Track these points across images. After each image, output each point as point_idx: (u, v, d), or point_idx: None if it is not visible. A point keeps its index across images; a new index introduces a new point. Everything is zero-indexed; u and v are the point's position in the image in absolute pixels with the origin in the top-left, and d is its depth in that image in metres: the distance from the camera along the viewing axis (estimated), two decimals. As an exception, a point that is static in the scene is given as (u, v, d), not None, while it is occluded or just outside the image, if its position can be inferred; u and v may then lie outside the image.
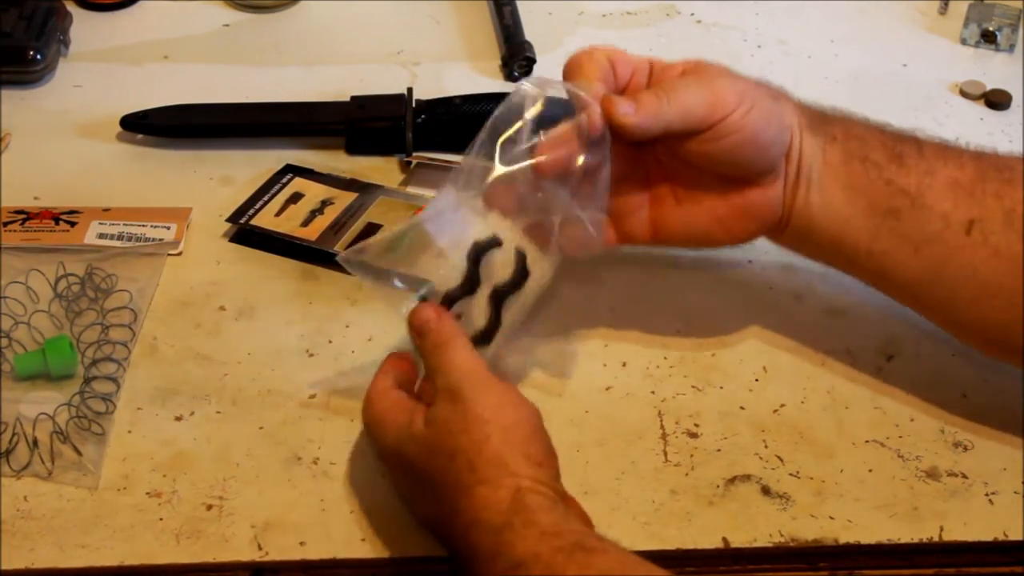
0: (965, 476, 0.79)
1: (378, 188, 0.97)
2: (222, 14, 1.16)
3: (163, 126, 1.02)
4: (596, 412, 0.82)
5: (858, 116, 0.81)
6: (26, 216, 0.93)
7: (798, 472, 0.79)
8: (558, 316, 0.87)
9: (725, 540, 0.75)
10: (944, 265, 0.77)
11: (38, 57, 1.06)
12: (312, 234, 0.93)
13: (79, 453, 0.78)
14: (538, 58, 1.10)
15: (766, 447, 0.80)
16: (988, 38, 1.16)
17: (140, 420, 0.80)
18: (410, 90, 1.02)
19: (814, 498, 0.77)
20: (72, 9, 1.14)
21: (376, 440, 0.75)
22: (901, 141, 0.79)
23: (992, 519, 0.77)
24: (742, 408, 0.83)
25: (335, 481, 0.77)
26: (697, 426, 0.81)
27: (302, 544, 0.74)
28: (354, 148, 1.02)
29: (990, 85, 1.11)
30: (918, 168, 0.78)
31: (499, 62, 1.11)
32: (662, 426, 0.81)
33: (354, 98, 1.03)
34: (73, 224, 0.93)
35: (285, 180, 0.98)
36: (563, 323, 0.87)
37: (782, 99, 0.79)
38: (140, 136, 1.02)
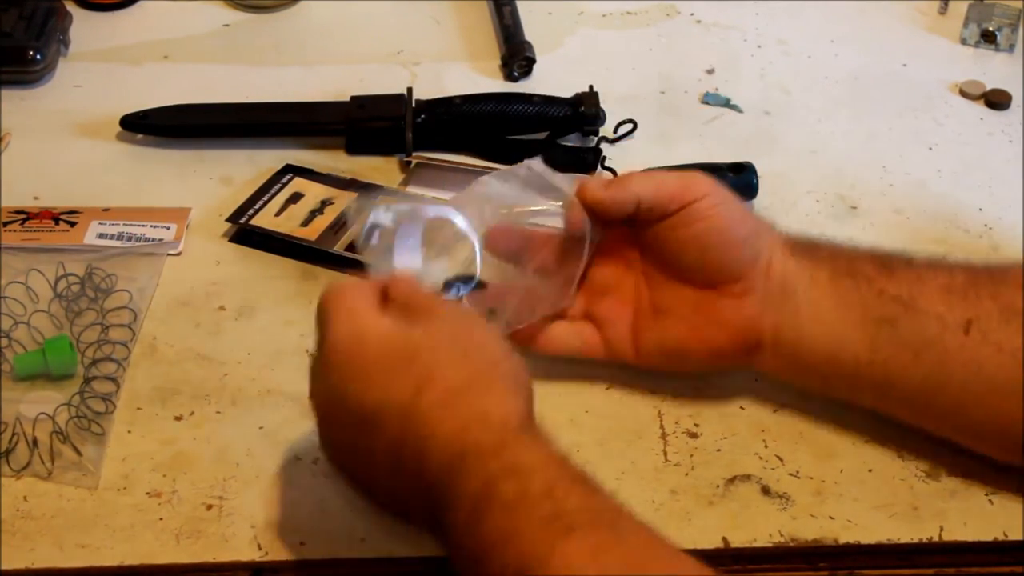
0: (965, 476, 0.79)
1: (378, 188, 0.97)
2: (222, 14, 1.17)
3: (163, 126, 1.02)
4: (596, 412, 0.82)
5: (845, 241, 0.81)
6: (26, 216, 0.93)
7: (798, 472, 0.79)
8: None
9: (725, 540, 0.75)
10: (947, 367, 0.75)
11: (38, 57, 1.06)
12: (312, 234, 0.93)
13: (79, 453, 0.78)
14: (538, 58, 1.10)
15: (766, 447, 0.80)
16: (988, 38, 1.16)
17: (140, 420, 0.80)
18: (410, 90, 1.02)
19: (814, 498, 0.77)
20: (72, 9, 1.14)
21: (329, 331, 0.70)
22: (889, 256, 0.79)
23: (992, 519, 0.77)
24: (742, 408, 0.82)
25: (335, 481, 0.77)
26: (697, 426, 0.81)
27: (302, 544, 0.74)
28: (354, 148, 1.02)
29: (990, 85, 1.11)
30: (908, 277, 0.77)
31: (499, 62, 1.12)
32: (662, 426, 0.81)
33: (354, 98, 1.03)
34: (73, 224, 0.93)
35: (285, 180, 0.98)
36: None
37: (764, 221, 0.80)
38: (140, 136, 1.02)
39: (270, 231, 0.93)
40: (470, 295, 0.81)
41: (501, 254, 0.83)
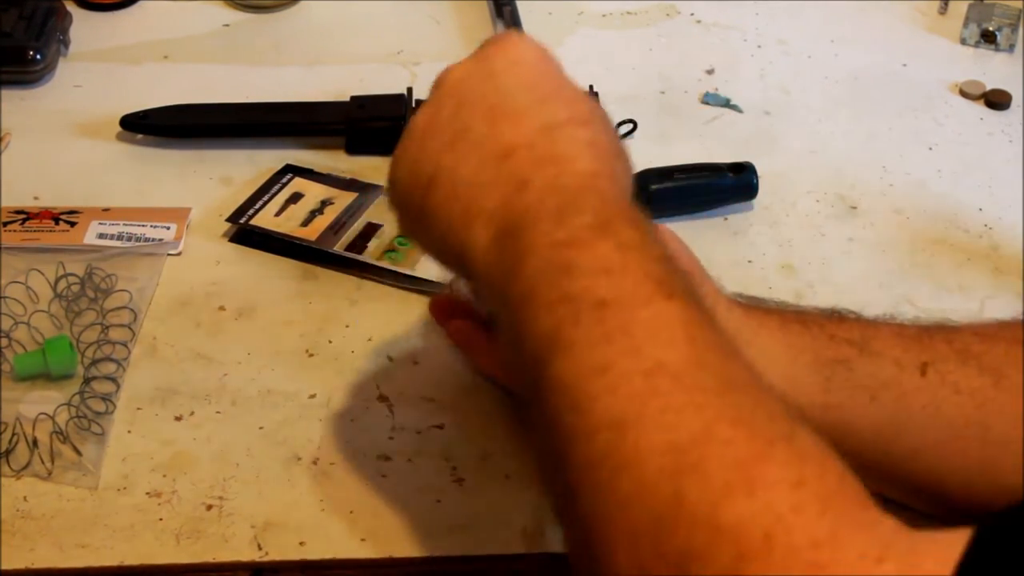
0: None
1: (378, 188, 0.97)
2: (222, 14, 1.16)
3: (163, 126, 1.02)
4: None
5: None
6: (26, 216, 0.93)
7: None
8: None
9: None
10: (905, 409, 0.72)
11: (38, 57, 1.06)
12: (312, 234, 0.93)
13: (79, 453, 0.78)
14: (538, 58, 1.10)
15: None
16: (988, 38, 1.16)
17: (140, 420, 0.80)
18: (410, 90, 1.02)
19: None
20: (72, 9, 1.14)
21: (509, 42, 0.70)
22: (837, 310, 0.77)
23: (992, 519, 0.76)
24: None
25: (335, 481, 0.77)
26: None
27: (302, 544, 0.74)
28: (354, 148, 1.02)
29: (990, 85, 1.11)
30: (859, 324, 0.75)
31: (499, 62, 1.11)
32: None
33: (354, 98, 1.03)
34: (73, 224, 0.93)
35: (285, 180, 0.98)
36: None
37: (708, 276, 0.77)
38: (140, 136, 1.02)
39: (270, 231, 0.93)
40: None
41: None
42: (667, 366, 0.55)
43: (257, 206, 0.95)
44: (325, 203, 0.96)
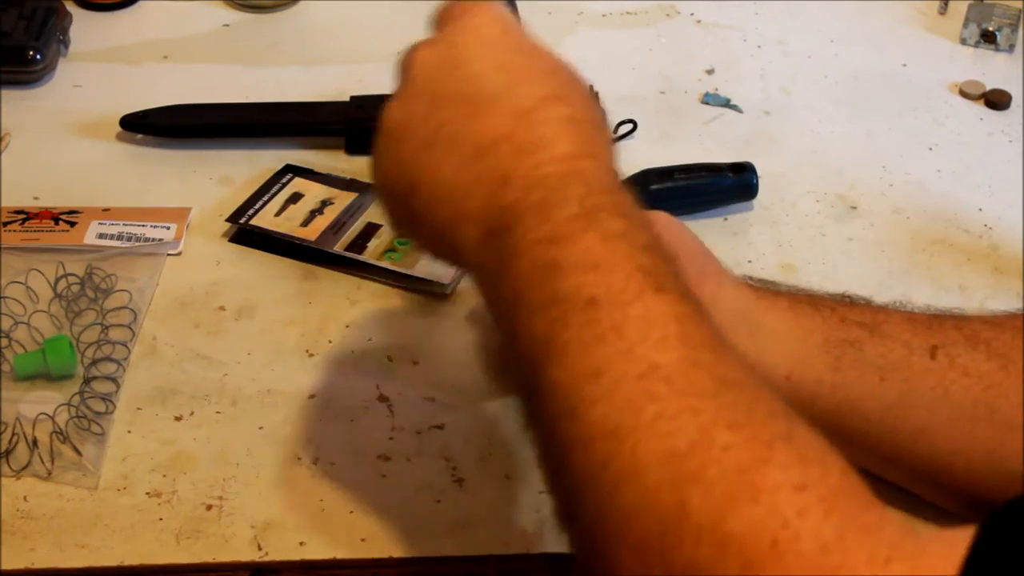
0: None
1: (378, 188, 0.97)
2: (222, 14, 1.16)
3: (163, 126, 1.02)
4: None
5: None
6: (26, 216, 0.93)
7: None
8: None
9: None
10: (914, 390, 0.73)
11: (38, 57, 1.06)
12: (312, 234, 0.93)
13: (79, 453, 0.78)
14: (538, 58, 1.10)
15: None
16: (988, 38, 1.16)
17: (140, 420, 0.80)
18: (410, 90, 1.02)
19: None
20: (72, 9, 1.14)
21: (475, 15, 0.68)
22: (848, 295, 0.78)
23: (992, 519, 0.76)
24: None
25: (335, 481, 0.77)
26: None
27: (302, 544, 0.74)
28: (354, 148, 1.02)
29: (990, 85, 1.11)
30: (870, 308, 0.76)
31: (499, 62, 1.11)
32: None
33: (354, 98, 1.03)
34: (73, 224, 0.93)
35: (285, 180, 0.98)
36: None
37: (715, 258, 0.77)
38: (140, 136, 1.02)
39: (270, 231, 0.93)
40: None
41: None
42: (661, 368, 0.55)
43: (257, 206, 0.95)
44: (325, 203, 0.96)
